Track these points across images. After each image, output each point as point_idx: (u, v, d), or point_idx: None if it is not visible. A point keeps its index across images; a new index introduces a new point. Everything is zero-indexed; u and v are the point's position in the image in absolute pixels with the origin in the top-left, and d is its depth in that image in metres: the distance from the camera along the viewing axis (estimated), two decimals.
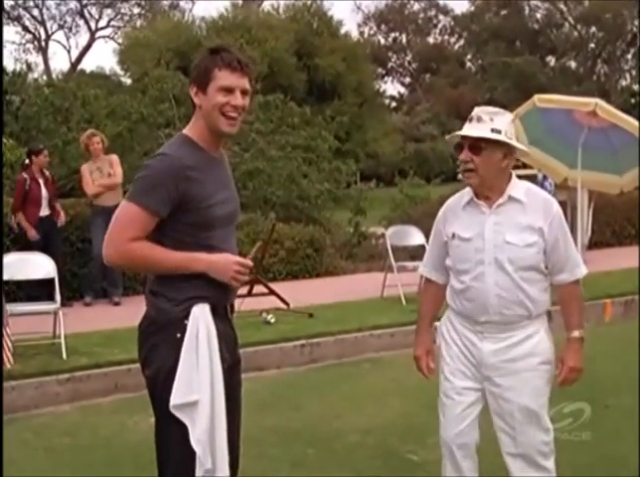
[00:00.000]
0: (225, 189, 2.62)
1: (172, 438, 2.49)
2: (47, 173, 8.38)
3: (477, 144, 2.83)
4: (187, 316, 2.47)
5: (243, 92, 2.53)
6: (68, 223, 8.46)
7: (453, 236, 2.98)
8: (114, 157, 8.58)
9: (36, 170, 8.20)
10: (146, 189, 2.43)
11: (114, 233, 2.47)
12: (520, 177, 3.01)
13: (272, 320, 7.13)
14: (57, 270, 6.46)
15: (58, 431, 4.84)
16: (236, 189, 2.73)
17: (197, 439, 2.43)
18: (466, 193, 2.98)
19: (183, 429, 2.44)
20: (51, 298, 6.40)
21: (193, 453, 2.43)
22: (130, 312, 5.58)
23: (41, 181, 8.18)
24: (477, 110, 2.90)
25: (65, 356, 5.86)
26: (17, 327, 6.07)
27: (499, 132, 2.81)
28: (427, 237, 8.58)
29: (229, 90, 2.49)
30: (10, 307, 6.13)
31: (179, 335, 2.46)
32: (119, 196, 8.13)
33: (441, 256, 3.07)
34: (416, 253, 9.22)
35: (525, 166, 9.97)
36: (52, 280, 6.38)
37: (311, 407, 5.26)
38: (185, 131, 2.59)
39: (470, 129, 2.86)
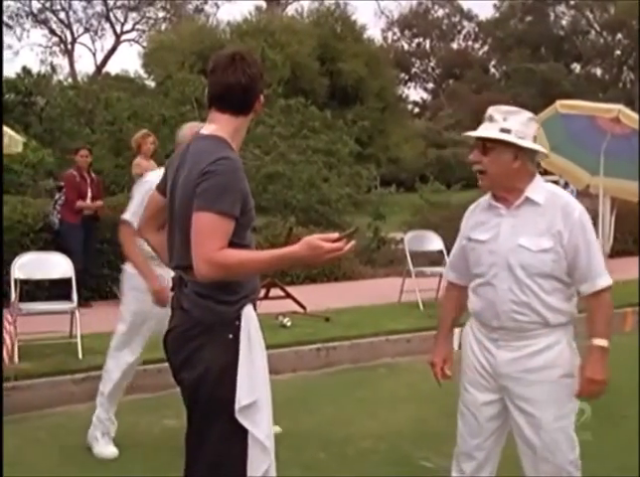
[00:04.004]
0: None
1: (227, 438, 2.48)
2: (92, 174, 8.50)
3: (485, 144, 2.76)
4: (238, 317, 2.47)
5: None
6: None
7: (470, 238, 2.91)
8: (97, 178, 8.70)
9: (82, 168, 8.32)
10: (219, 195, 2.38)
11: (201, 247, 2.36)
12: None
13: (288, 323, 7.12)
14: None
15: (71, 431, 4.83)
16: (256, 192, 2.76)
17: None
18: (488, 195, 2.90)
19: (234, 428, 2.44)
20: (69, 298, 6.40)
21: (242, 452, 2.45)
22: None
23: (88, 180, 8.31)
24: (491, 109, 2.81)
25: (80, 355, 5.87)
26: (36, 326, 6.10)
27: (508, 132, 2.71)
28: (446, 242, 8.50)
29: None
30: (26, 306, 6.15)
31: (231, 336, 2.45)
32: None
33: (462, 258, 2.98)
34: (435, 259, 9.16)
35: (546, 172, 9.87)
36: (70, 280, 6.41)
37: (325, 412, 5.23)
38: (216, 133, 2.52)
39: (480, 129, 2.79)
